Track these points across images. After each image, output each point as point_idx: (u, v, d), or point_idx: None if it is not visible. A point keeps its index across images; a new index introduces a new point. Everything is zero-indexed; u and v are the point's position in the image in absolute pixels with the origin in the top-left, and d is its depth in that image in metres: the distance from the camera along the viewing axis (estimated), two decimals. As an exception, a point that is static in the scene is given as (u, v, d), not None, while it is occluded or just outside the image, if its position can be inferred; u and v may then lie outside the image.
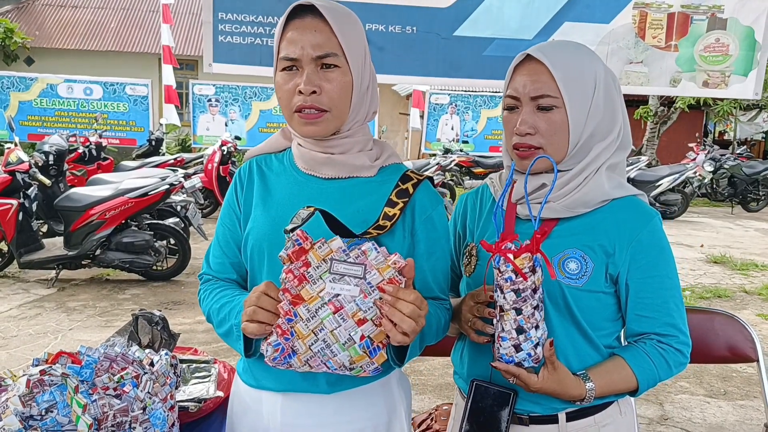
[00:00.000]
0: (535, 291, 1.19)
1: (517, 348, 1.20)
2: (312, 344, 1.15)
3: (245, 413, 1.38)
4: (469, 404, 1.34)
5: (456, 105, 13.18)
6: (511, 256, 1.18)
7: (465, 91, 13.87)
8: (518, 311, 1.18)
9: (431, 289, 1.36)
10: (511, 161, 1.38)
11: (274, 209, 1.33)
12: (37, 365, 1.26)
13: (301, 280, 1.15)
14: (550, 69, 1.27)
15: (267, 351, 1.16)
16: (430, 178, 1.42)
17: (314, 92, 1.23)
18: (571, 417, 1.34)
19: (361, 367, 1.17)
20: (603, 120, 1.32)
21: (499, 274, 1.20)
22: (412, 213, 1.33)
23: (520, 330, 1.19)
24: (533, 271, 1.18)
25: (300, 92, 1.24)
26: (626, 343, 1.38)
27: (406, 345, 1.19)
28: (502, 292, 1.19)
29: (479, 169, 11.91)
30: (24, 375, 1.16)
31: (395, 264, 1.15)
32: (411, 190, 1.32)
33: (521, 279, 1.17)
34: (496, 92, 13.62)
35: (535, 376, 1.23)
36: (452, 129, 13.10)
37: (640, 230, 1.31)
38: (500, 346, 1.22)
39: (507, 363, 1.21)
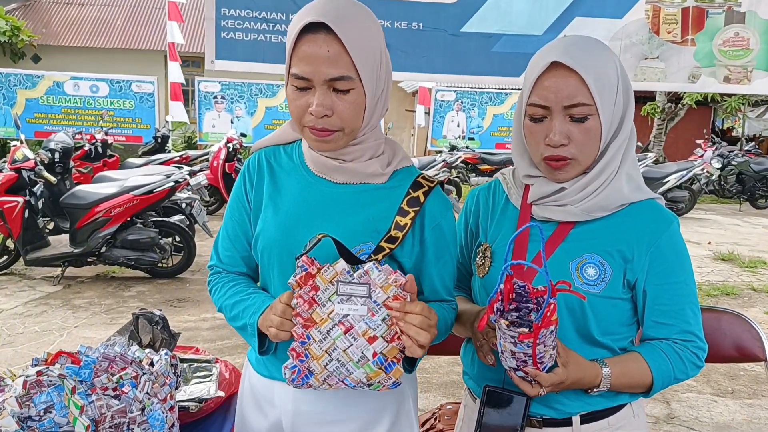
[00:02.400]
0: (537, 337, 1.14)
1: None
2: (327, 364, 1.18)
3: (257, 402, 1.41)
4: (482, 410, 1.32)
5: (462, 102, 13.14)
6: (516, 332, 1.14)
7: (471, 87, 13.82)
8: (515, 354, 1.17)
9: (439, 293, 1.37)
10: (529, 167, 1.34)
11: (284, 212, 1.33)
12: (36, 365, 1.25)
13: (311, 304, 1.18)
14: (583, 76, 1.21)
15: (286, 374, 1.19)
16: (441, 183, 1.40)
17: (326, 116, 1.21)
18: (585, 420, 1.32)
19: (379, 382, 1.19)
20: (621, 116, 1.28)
21: (501, 333, 1.16)
22: (422, 221, 1.32)
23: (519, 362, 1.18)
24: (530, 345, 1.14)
25: (311, 113, 1.21)
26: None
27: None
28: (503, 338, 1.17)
29: (485, 166, 11.87)
30: (21, 376, 1.15)
31: (396, 282, 1.17)
32: (422, 198, 1.30)
33: (521, 347, 1.15)
34: (502, 89, 13.57)
35: (548, 375, 1.20)
36: (458, 126, 13.06)
37: (659, 236, 1.29)
38: (505, 360, 1.20)
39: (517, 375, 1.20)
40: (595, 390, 1.27)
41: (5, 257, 6.14)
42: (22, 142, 6.38)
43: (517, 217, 1.38)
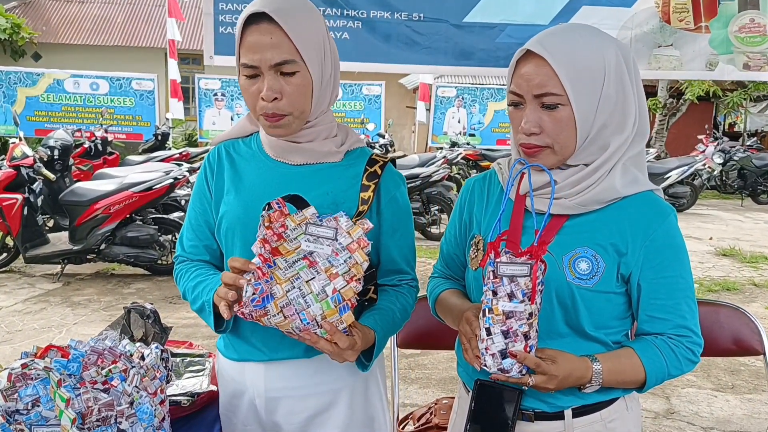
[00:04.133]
0: (530, 300, 1.16)
1: (503, 354, 1.18)
2: (288, 290, 1.23)
3: (229, 387, 1.50)
4: (474, 404, 1.31)
5: (463, 98, 13.09)
6: (510, 257, 1.17)
7: (472, 83, 13.79)
8: (509, 316, 1.16)
9: (396, 262, 1.47)
10: (519, 156, 1.33)
11: (245, 193, 1.42)
12: (24, 359, 1.24)
13: (280, 237, 1.26)
14: (552, 64, 1.20)
15: (247, 291, 1.22)
16: (392, 159, 1.50)
17: (276, 98, 1.30)
18: (577, 413, 1.31)
19: (330, 324, 1.23)
20: (615, 109, 1.26)
21: (493, 278, 1.17)
22: (378, 195, 1.42)
23: (506, 334, 1.17)
24: (531, 278, 1.15)
25: (263, 98, 1.31)
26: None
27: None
28: (495, 295, 1.17)
29: (486, 163, 11.81)
30: (5, 369, 1.14)
31: (365, 227, 1.27)
32: (379, 171, 1.42)
33: (517, 284, 1.16)
34: (503, 85, 13.53)
35: (531, 378, 1.19)
36: (459, 122, 13.00)
37: (655, 229, 1.27)
38: (484, 353, 1.19)
39: (495, 372, 1.19)
40: (587, 386, 1.26)
41: (4, 255, 6.14)
42: (20, 140, 6.39)
43: (512, 209, 1.36)
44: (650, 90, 15.57)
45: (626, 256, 1.27)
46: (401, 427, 2.07)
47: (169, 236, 6.15)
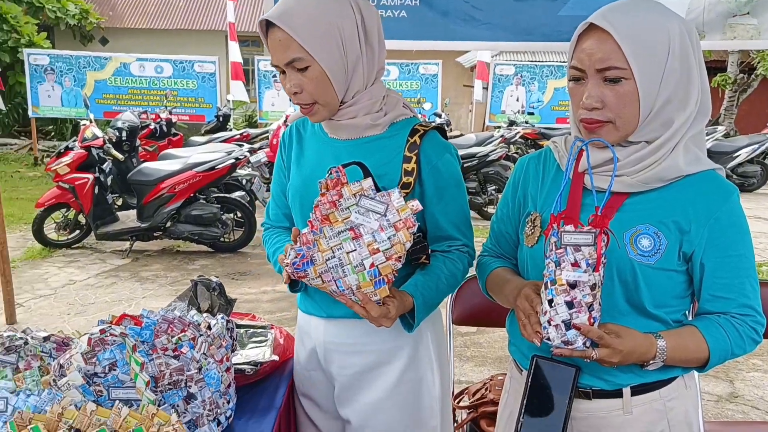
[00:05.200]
0: (594, 269, 1.15)
1: (567, 326, 1.17)
2: (328, 259, 1.31)
3: (301, 334, 1.70)
4: (530, 380, 1.32)
5: (521, 76, 12.84)
6: (571, 228, 1.16)
7: (531, 61, 13.51)
8: (573, 286, 1.15)
9: (443, 228, 1.54)
10: (579, 132, 1.32)
11: (304, 168, 1.58)
12: (101, 326, 1.32)
13: (333, 205, 1.34)
14: (616, 38, 1.18)
15: (289, 255, 1.33)
16: (440, 129, 1.56)
17: (296, 92, 1.44)
18: (636, 391, 1.31)
19: (364, 294, 1.31)
20: (679, 85, 1.23)
21: (556, 249, 1.17)
22: (419, 163, 1.48)
23: (570, 305, 1.16)
24: (595, 248, 1.15)
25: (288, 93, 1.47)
26: None
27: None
28: (558, 266, 1.17)
29: (545, 142, 11.61)
30: (86, 334, 1.22)
31: (412, 207, 1.32)
32: (418, 141, 1.48)
33: (581, 254, 1.15)
34: (563, 62, 13.21)
35: (594, 352, 1.19)
36: (517, 100, 12.77)
37: (718, 208, 1.24)
38: (547, 326, 1.19)
39: (558, 345, 1.18)
40: (650, 363, 1.25)
41: (77, 232, 6.44)
42: (91, 122, 6.65)
43: (569, 186, 1.36)
44: (719, 65, 14.91)
45: (689, 235, 1.25)
46: (456, 401, 2.10)
47: (231, 215, 6.32)
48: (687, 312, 1.35)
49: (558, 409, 1.29)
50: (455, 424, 2.05)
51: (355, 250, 1.31)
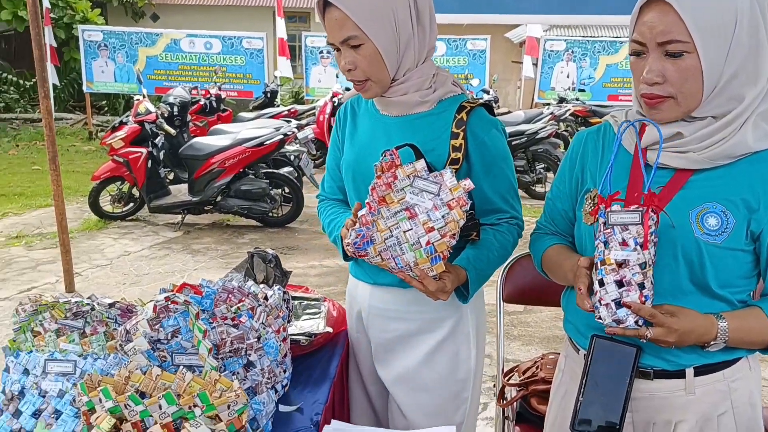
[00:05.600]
0: (642, 247, 1.14)
1: (617, 304, 1.17)
2: (387, 238, 1.37)
3: (350, 296, 1.80)
4: (590, 360, 1.31)
5: (573, 51, 12.50)
6: (620, 207, 1.16)
7: (583, 36, 13.13)
8: (621, 265, 1.15)
9: (492, 202, 1.58)
10: (640, 107, 1.29)
11: (357, 143, 1.65)
12: (165, 294, 1.36)
13: (388, 187, 1.39)
14: (678, 10, 1.14)
15: (350, 235, 1.40)
16: (487, 105, 1.59)
17: (350, 69, 1.49)
18: (699, 372, 1.28)
19: (422, 270, 1.37)
20: (747, 59, 1.18)
21: (604, 229, 1.17)
22: (466, 139, 1.52)
23: (619, 284, 1.16)
24: (644, 224, 1.13)
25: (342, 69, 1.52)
26: None
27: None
28: (606, 245, 1.17)
29: (596, 119, 11.32)
30: (151, 301, 1.26)
31: (465, 186, 1.36)
32: (465, 117, 1.52)
33: (628, 233, 1.14)
34: (616, 38, 12.82)
35: (648, 330, 1.17)
36: (568, 77, 12.45)
37: None
38: (598, 305, 1.19)
39: (609, 324, 1.19)
40: (711, 344, 1.22)
41: (131, 204, 6.62)
42: (144, 97, 6.78)
43: (630, 163, 1.32)
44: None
45: (757, 213, 1.21)
46: (506, 379, 2.09)
47: (279, 190, 6.40)
48: (752, 292, 1.32)
49: (618, 389, 1.28)
50: (504, 402, 2.05)
51: (411, 229, 1.36)
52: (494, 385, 3.06)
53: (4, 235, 6.06)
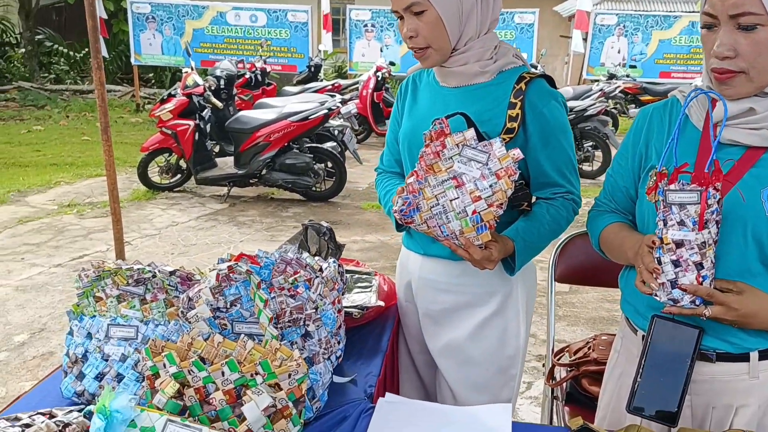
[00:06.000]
0: (703, 226, 1.11)
1: (673, 284, 1.15)
2: (433, 206, 1.38)
3: (401, 266, 1.81)
4: (650, 340, 1.28)
5: (624, 26, 12.14)
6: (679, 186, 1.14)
7: (635, 10, 12.74)
8: (679, 245, 1.14)
9: (548, 175, 1.56)
10: (710, 82, 1.24)
11: (415, 115, 1.66)
12: (225, 262, 1.37)
13: (436, 155, 1.39)
14: None
15: (397, 203, 1.41)
16: (548, 77, 1.57)
17: (412, 36, 1.50)
18: (764, 356, 1.25)
19: (468, 240, 1.38)
20: None
21: (663, 207, 1.15)
22: (524, 110, 1.51)
23: (676, 264, 1.14)
24: (705, 205, 1.11)
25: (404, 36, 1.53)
26: None
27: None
28: (665, 224, 1.15)
29: (647, 97, 11.02)
30: (214, 270, 1.27)
31: (514, 156, 1.36)
32: (524, 88, 1.51)
33: (687, 212, 1.12)
34: (670, 12, 12.40)
35: (707, 309, 1.15)
36: (618, 52, 12.12)
37: None
38: (656, 282, 1.17)
39: (666, 303, 1.17)
40: None
41: (179, 176, 6.74)
42: (192, 69, 6.85)
43: (698, 139, 1.28)
44: None
45: None
46: (556, 358, 2.07)
47: (323, 165, 6.42)
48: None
49: (678, 371, 1.25)
50: (553, 381, 2.03)
51: (457, 197, 1.36)
52: (543, 365, 3.04)
53: (56, 204, 6.25)
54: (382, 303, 1.74)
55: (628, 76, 10.95)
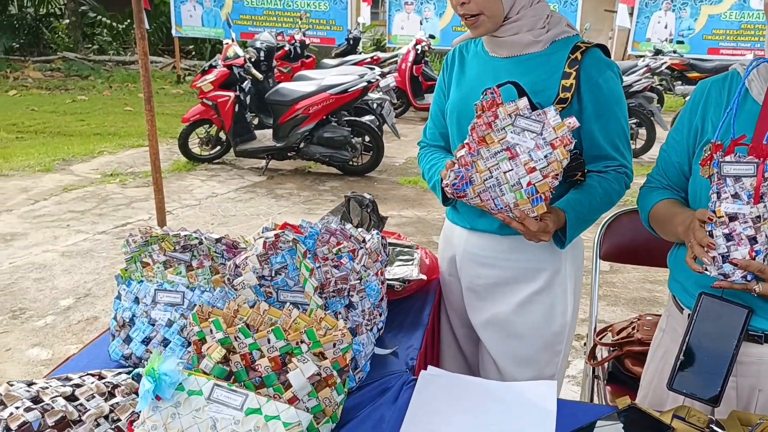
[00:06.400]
0: (759, 200, 1.09)
1: (724, 258, 1.13)
2: (486, 179, 1.35)
3: (445, 241, 1.79)
4: (696, 318, 1.25)
5: (672, 0, 11.78)
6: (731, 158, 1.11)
7: (684, -16, 12.29)
8: (732, 218, 1.11)
9: (602, 147, 1.52)
10: None
11: (464, 86, 1.62)
12: (272, 232, 1.37)
13: (488, 126, 1.36)
14: None
15: (449, 176, 1.37)
16: (603, 46, 1.53)
17: (464, 2, 1.46)
18: None
19: (523, 212, 1.34)
20: None
21: (718, 179, 1.13)
22: (579, 80, 1.47)
23: (728, 237, 1.12)
24: (762, 178, 1.08)
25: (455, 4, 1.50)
26: None
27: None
28: (718, 197, 1.13)
29: (694, 74, 10.68)
30: (261, 237, 1.27)
31: (569, 125, 1.32)
32: (579, 57, 1.47)
33: (741, 185, 1.10)
34: (721, -15, 11.90)
35: (758, 285, 1.12)
36: (665, 27, 11.73)
37: None
38: (708, 256, 1.15)
39: (717, 277, 1.15)
40: None
41: (218, 148, 6.80)
42: (233, 41, 6.86)
43: (758, 113, 1.22)
44: None
45: None
46: (599, 338, 2.04)
47: (360, 139, 6.40)
48: None
49: (723, 351, 1.22)
50: (595, 361, 2.01)
51: (512, 169, 1.33)
52: (583, 344, 3.01)
53: (99, 173, 6.37)
54: (424, 276, 1.72)
55: (675, 52, 10.61)
